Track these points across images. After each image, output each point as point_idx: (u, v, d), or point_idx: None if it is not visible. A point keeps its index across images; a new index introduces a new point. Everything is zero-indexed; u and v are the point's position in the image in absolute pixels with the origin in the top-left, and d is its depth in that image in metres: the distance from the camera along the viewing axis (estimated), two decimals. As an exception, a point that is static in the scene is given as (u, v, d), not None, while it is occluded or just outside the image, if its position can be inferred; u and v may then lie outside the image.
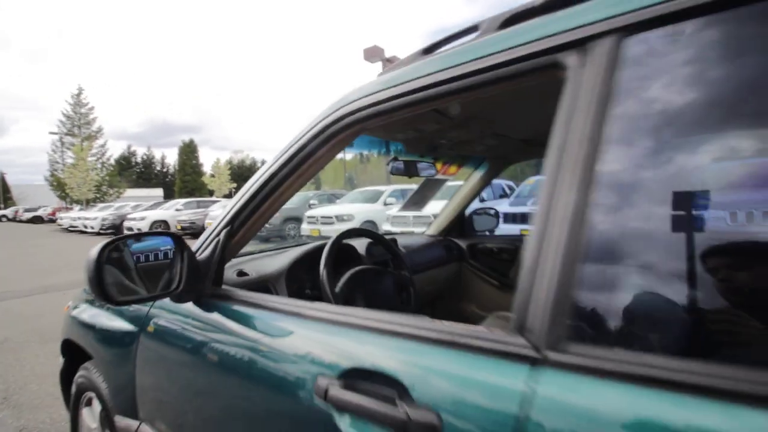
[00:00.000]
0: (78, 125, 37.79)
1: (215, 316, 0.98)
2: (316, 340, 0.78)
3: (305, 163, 0.96)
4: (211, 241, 1.05)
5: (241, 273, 1.28)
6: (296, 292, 1.34)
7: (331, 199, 11.86)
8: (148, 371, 1.16)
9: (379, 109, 0.82)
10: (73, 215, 19.66)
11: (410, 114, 0.82)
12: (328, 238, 1.33)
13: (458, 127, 1.30)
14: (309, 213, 9.50)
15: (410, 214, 7.25)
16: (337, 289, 1.17)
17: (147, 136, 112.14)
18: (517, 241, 2.16)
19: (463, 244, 2.32)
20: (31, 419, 2.37)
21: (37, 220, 30.73)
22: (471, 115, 1.23)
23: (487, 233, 2.42)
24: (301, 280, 1.42)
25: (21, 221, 32.49)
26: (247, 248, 1.23)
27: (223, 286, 1.07)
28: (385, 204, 9.51)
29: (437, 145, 1.49)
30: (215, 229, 1.07)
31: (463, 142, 1.54)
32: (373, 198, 9.85)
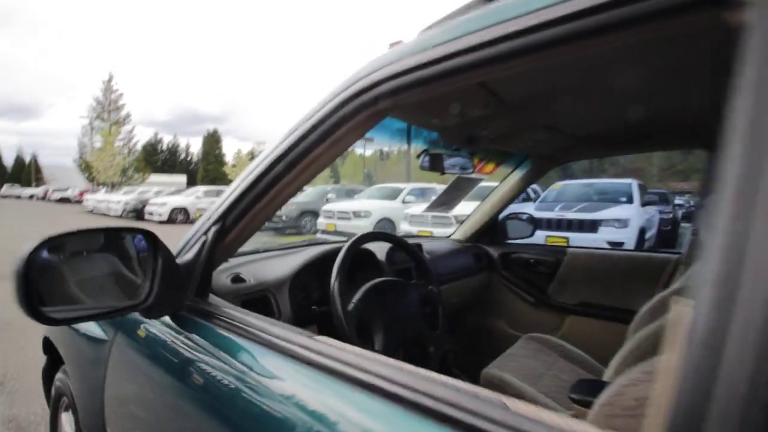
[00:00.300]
0: (108, 111, 38.88)
1: (193, 339, 0.77)
2: (318, 401, 0.55)
3: (316, 149, 0.73)
4: (196, 241, 0.84)
5: (237, 278, 1.07)
6: (301, 306, 1.12)
7: (349, 193, 11.68)
8: (119, 386, 0.97)
9: (415, 78, 0.59)
10: (99, 197, 20.11)
11: (453, 84, 0.58)
12: (344, 234, 1.10)
13: (509, 112, 1.05)
14: (326, 207, 9.34)
15: (433, 213, 6.97)
16: (350, 307, 0.94)
17: (174, 124, 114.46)
18: (559, 253, 1.89)
19: (494, 252, 2.06)
20: (23, 410, 2.25)
21: (65, 200, 31.69)
22: (529, 97, 0.97)
23: (522, 242, 2.15)
24: (308, 290, 1.19)
25: (51, 200, 33.58)
26: (248, 245, 1.02)
27: (212, 297, 0.86)
28: (404, 202, 9.26)
29: (478, 137, 1.24)
30: (202, 226, 0.85)
31: (509, 134, 1.28)
32: (392, 195, 9.61)
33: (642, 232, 6.36)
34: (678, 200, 14.80)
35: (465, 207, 2.40)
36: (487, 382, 1.39)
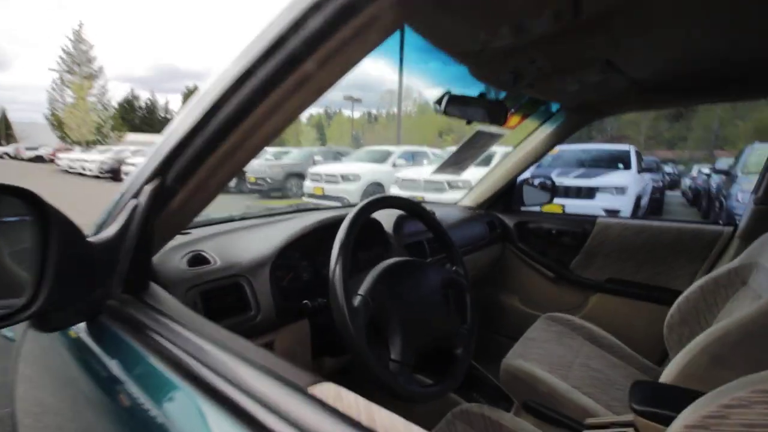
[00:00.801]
0: (78, 63, 36.36)
1: (114, 364, 0.48)
2: None
3: (303, 63, 0.43)
4: (122, 209, 0.54)
5: (196, 259, 0.78)
6: (287, 295, 0.85)
7: (337, 156, 11.23)
8: (34, 397, 0.71)
9: None
10: (73, 156, 19.14)
11: None
12: (332, 198, 0.82)
13: (578, 32, 0.75)
14: (313, 170, 8.93)
15: (426, 178, 6.65)
16: (356, 301, 0.68)
17: (152, 81, 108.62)
18: (587, 223, 1.64)
19: (509, 221, 1.80)
20: None
21: (38, 159, 30.14)
22: (614, 5, 0.67)
23: (539, 210, 1.90)
24: (297, 274, 0.92)
25: (22, 159, 31.95)
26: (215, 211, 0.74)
27: (154, 290, 0.58)
28: (394, 165, 8.91)
29: (524, 72, 0.94)
30: (130, 186, 0.55)
31: (561, 71, 0.98)
32: (381, 158, 9.23)
33: (638, 199, 6.22)
34: (667, 168, 14.81)
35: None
36: (511, 376, 1.18)
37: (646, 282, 1.52)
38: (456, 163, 1.55)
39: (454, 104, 0.97)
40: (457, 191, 6.24)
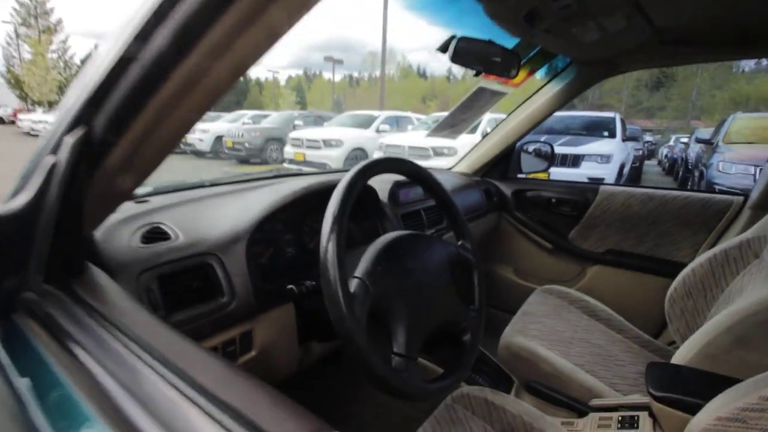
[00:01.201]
0: (34, 15, 33.41)
1: (22, 386, 0.35)
2: None
3: None
4: (36, 169, 0.39)
5: (154, 233, 0.64)
6: (267, 276, 0.72)
7: (318, 121, 10.82)
8: None
9: None
10: (35, 118, 17.90)
11: None
12: (314, 165, 0.68)
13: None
14: (293, 134, 8.58)
15: (410, 144, 6.45)
16: (353, 285, 0.55)
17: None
18: (589, 192, 1.55)
19: (506, 189, 1.70)
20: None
21: (-1, 121, 28.13)
22: None
23: (539, 178, 1.79)
24: (278, 250, 0.79)
25: (-22, 121, 29.76)
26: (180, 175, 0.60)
27: (92, 273, 0.44)
28: (378, 131, 8.64)
29: (543, 13, 0.79)
30: (49, 138, 0.40)
31: (581, 15, 0.84)
32: (365, 123, 8.93)
33: (621, 167, 6.24)
34: (646, 137, 14.97)
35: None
36: (512, 355, 1.10)
37: (648, 254, 1.46)
38: (452, 125, 1.42)
39: (461, 50, 0.82)
40: (442, 158, 6.10)
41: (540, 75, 1.43)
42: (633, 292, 1.48)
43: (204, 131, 10.39)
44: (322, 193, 0.77)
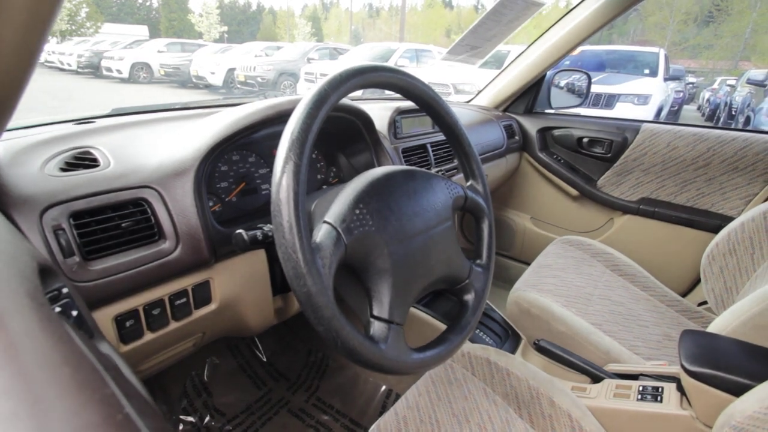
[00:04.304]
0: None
1: None
2: None
3: None
4: None
5: (79, 159, 0.51)
6: (231, 220, 0.60)
7: (333, 54, 10.22)
8: None
9: None
10: (48, 48, 17.60)
11: None
12: None
13: None
14: (307, 68, 8.15)
15: (447, 79, 5.95)
16: (318, 234, 0.43)
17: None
18: (629, 130, 1.34)
19: (530, 126, 1.50)
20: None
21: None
22: None
23: (570, 112, 1.58)
24: (251, 185, 0.66)
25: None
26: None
27: None
28: (397, 65, 8.12)
29: None
30: None
31: None
32: (383, 57, 8.38)
33: (659, 111, 5.74)
34: (688, 79, 13.73)
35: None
36: (523, 311, 1.00)
37: (689, 204, 1.28)
38: (474, 45, 1.20)
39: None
40: (465, 97, 5.70)
41: None
42: (665, 246, 1.33)
43: (217, 64, 9.99)
44: (285, 116, 0.62)
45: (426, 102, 0.59)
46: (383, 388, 1.10)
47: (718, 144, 1.20)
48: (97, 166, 0.52)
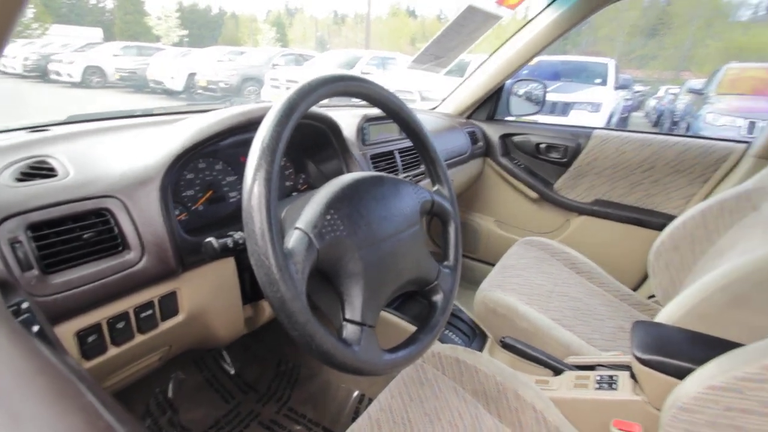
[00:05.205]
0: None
1: None
2: None
3: None
4: None
5: (36, 168, 0.49)
6: (198, 229, 0.59)
7: (299, 60, 10.15)
8: None
9: None
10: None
11: None
12: None
13: None
14: (272, 74, 8.05)
15: (413, 86, 6.03)
16: (292, 241, 0.43)
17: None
18: (581, 137, 1.43)
19: (492, 133, 1.56)
20: None
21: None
22: None
23: (529, 120, 1.65)
24: (218, 193, 0.65)
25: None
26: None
27: None
28: (363, 73, 8.18)
29: None
30: None
31: None
32: (350, 64, 8.42)
33: (610, 118, 6.11)
34: (636, 87, 14.66)
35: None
36: (489, 310, 1.04)
37: (637, 204, 1.38)
38: (437, 55, 1.24)
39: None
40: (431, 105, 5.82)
41: (534, 5, 1.25)
42: (617, 244, 1.42)
43: (177, 68, 9.68)
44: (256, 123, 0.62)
45: (392, 110, 0.61)
46: (355, 393, 1.10)
47: (662, 148, 1.30)
48: (55, 175, 0.50)
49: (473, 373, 0.76)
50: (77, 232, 0.48)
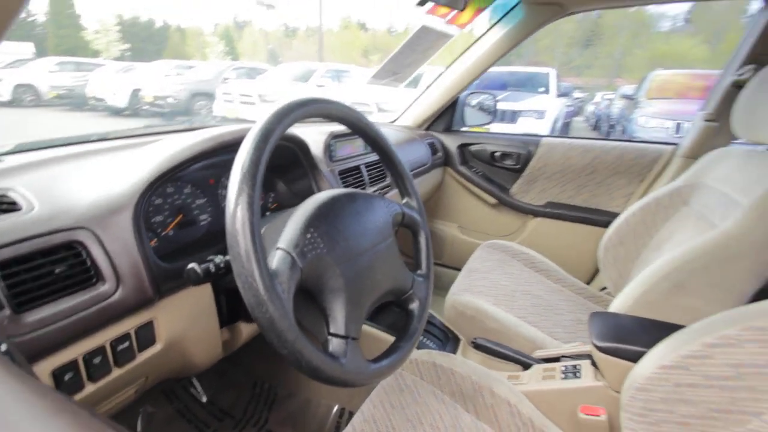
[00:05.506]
0: None
1: None
2: None
3: None
4: None
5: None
6: (172, 256, 0.59)
7: (251, 74, 9.98)
8: None
9: None
10: None
11: None
12: (250, 123, 0.55)
13: None
14: (224, 89, 7.86)
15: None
16: (275, 262, 0.45)
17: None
18: (531, 144, 1.53)
19: (450, 143, 1.63)
20: None
21: None
22: None
23: (482, 131, 1.74)
24: (187, 217, 0.65)
25: None
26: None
27: None
28: (318, 86, 8.18)
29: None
30: None
31: None
32: (304, 77, 8.39)
33: (554, 123, 6.50)
34: (576, 94, 15.71)
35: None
36: (459, 313, 1.08)
37: (584, 205, 1.49)
38: (395, 71, 1.29)
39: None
40: (388, 116, 5.93)
41: (481, 23, 1.33)
42: (570, 242, 1.53)
43: (119, 84, 9.20)
44: (236, 144, 0.63)
45: (361, 128, 0.64)
46: (335, 408, 1.10)
47: (602, 153, 1.42)
48: (19, 209, 0.48)
49: (450, 375, 0.79)
50: (48, 267, 0.46)
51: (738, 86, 1.10)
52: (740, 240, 0.76)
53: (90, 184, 0.56)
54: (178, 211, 0.69)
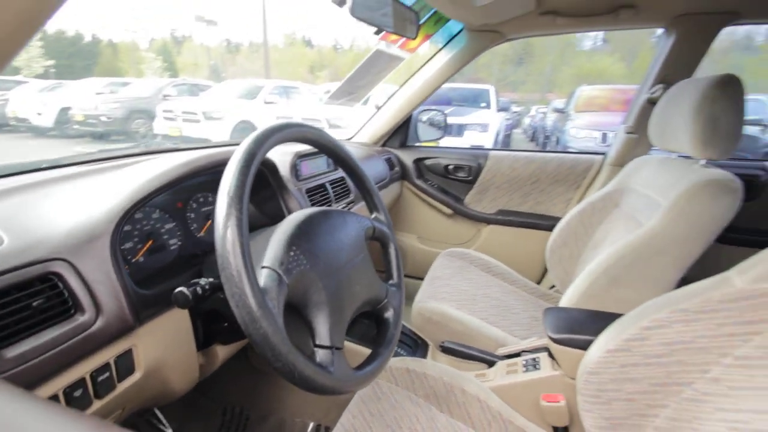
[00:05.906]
0: None
1: None
2: None
3: None
4: None
5: None
6: (148, 281, 0.58)
7: (193, 90, 9.63)
8: None
9: None
10: None
11: None
12: (194, 141, 0.57)
13: None
14: (165, 106, 7.52)
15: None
16: (264, 280, 0.47)
17: None
18: (481, 157, 1.64)
19: (406, 158, 1.71)
20: None
21: None
22: None
23: (434, 146, 1.84)
24: (158, 242, 0.65)
25: None
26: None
27: None
28: (266, 103, 8.07)
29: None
30: None
31: None
32: (251, 93, 8.24)
33: (496, 136, 6.92)
34: (513, 108, 16.80)
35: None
36: (426, 320, 1.13)
37: (531, 211, 1.62)
38: (350, 92, 1.35)
39: (360, 3, 0.75)
40: (338, 132, 5.99)
41: (431, 44, 1.43)
42: (520, 246, 1.65)
43: (44, 103, 8.48)
44: (209, 169, 0.64)
45: (331, 150, 0.68)
46: (311, 425, 1.10)
47: (543, 163, 1.57)
48: None
49: (423, 379, 0.84)
50: (25, 301, 0.45)
51: (652, 103, 1.27)
52: (663, 237, 0.88)
53: (62, 212, 0.55)
54: (148, 237, 0.68)
